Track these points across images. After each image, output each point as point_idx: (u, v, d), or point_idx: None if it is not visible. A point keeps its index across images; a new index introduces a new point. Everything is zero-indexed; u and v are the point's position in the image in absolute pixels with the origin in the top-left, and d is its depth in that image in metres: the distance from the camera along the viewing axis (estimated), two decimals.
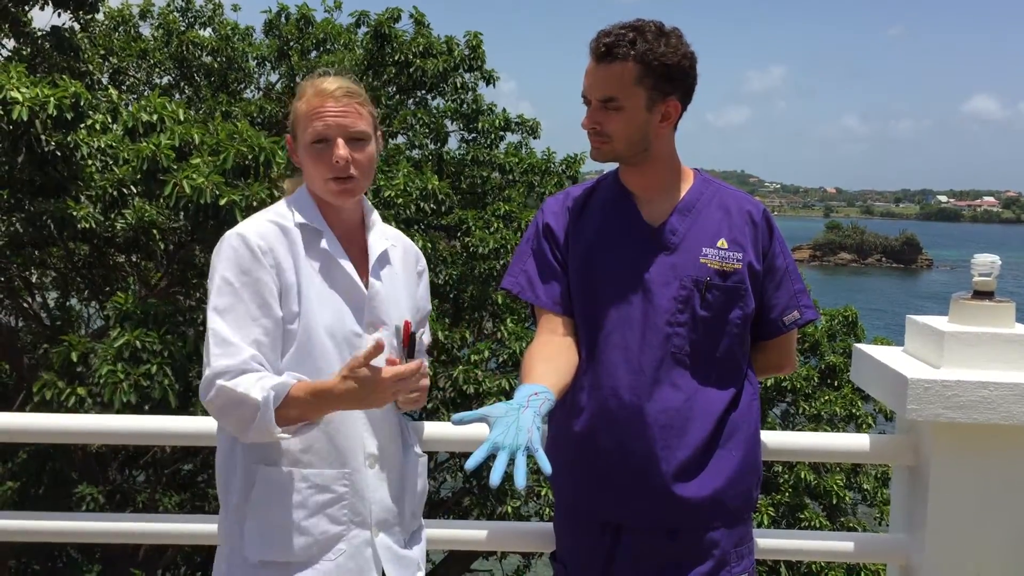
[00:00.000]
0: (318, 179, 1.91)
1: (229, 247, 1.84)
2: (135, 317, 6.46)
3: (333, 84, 1.93)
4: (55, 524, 2.51)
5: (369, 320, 1.94)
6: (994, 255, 2.38)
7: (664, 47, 1.97)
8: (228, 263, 1.83)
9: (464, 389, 8.46)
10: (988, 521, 2.28)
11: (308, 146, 1.91)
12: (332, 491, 1.87)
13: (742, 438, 2.08)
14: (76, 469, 8.59)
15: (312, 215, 1.94)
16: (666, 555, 2.05)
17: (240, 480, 1.87)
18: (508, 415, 1.74)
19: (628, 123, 2.01)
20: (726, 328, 2.05)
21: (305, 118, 1.91)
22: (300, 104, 1.93)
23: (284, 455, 1.85)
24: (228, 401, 1.74)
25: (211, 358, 1.77)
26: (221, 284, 1.82)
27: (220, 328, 1.79)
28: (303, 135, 1.92)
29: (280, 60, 12.79)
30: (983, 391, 2.19)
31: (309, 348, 1.85)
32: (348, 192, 1.92)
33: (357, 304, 1.93)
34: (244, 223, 1.91)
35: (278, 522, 1.84)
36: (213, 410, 1.78)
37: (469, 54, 11.81)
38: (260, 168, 6.74)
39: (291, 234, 1.90)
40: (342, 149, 1.89)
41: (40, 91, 6.29)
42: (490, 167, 11.96)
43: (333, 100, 1.90)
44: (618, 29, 1.99)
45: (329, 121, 1.89)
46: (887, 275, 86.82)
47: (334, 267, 1.92)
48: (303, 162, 1.94)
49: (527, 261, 2.18)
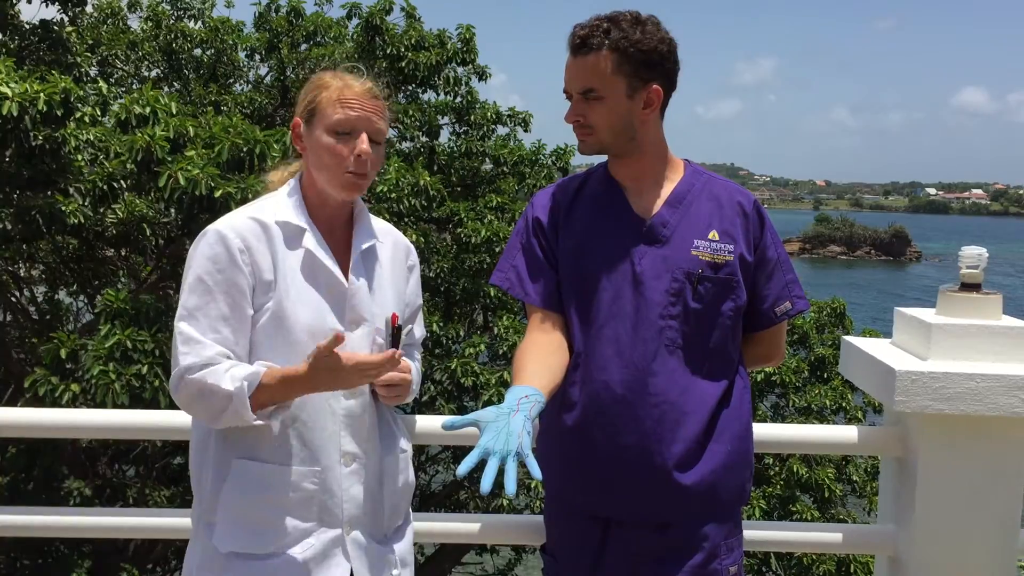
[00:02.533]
0: (333, 168, 1.90)
1: (206, 244, 1.84)
2: (126, 315, 6.44)
3: (368, 83, 1.94)
4: (45, 519, 2.51)
5: (351, 317, 1.93)
6: (981, 247, 2.40)
7: (640, 34, 1.97)
8: (203, 261, 1.83)
9: (462, 382, 8.45)
10: (975, 512, 2.30)
11: (329, 132, 1.89)
12: (302, 489, 1.87)
13: (735, 432, 2.09)
14: (66, 464, 8.56)
15: (298, 211, 1.93)
16: (656, 548, 2.06)
17: (212, 471, 1.88)
18: (498, 420, 1.75)
19: (610, 113, 2.01)
20: (718, 320, 2.06)
21: (332, 104, 1.89)
22: (326, 93, 1.91)
23: (257, 450, 1.86)
24: (199, 392, 1.77)
25: (179, 356, 1.79)
26: (194, 282, 1.83)
27: (187, 329, 1.80)
28: (324, 119, 1.90)
29: (270, 53, 12.74)
30: (970, 383, 2.21)
31: (288, 345, 1.85)
32: (359, 187, 1.93)
33: (338, 301, 1.92)
34: (224, 219, 1.90)
35: (248, 515, 1.85)
36: (183, 402, 1.82)
37: (461, 47, 11.78)
38: (255, 161, 6.73)
39: (271, 231, 1.88)
40: (366, 144, 1.90)
41: (30, 87, 6.26)
42: (482, 157, 11.95)
43: (364, 95, 1.91)
44: (593, 21, 2.00)
45: (360, 114, 1.90)
46: (876, 267, 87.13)
47: (316, 264, 1.91)
48: (316, 148, 1.92)
49: (516, 256, 2.18)
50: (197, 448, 1.94)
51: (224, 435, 1.87)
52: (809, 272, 66.68)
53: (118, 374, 6.02)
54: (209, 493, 1.88)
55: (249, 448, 1.86)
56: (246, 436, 1.85)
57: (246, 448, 1.86)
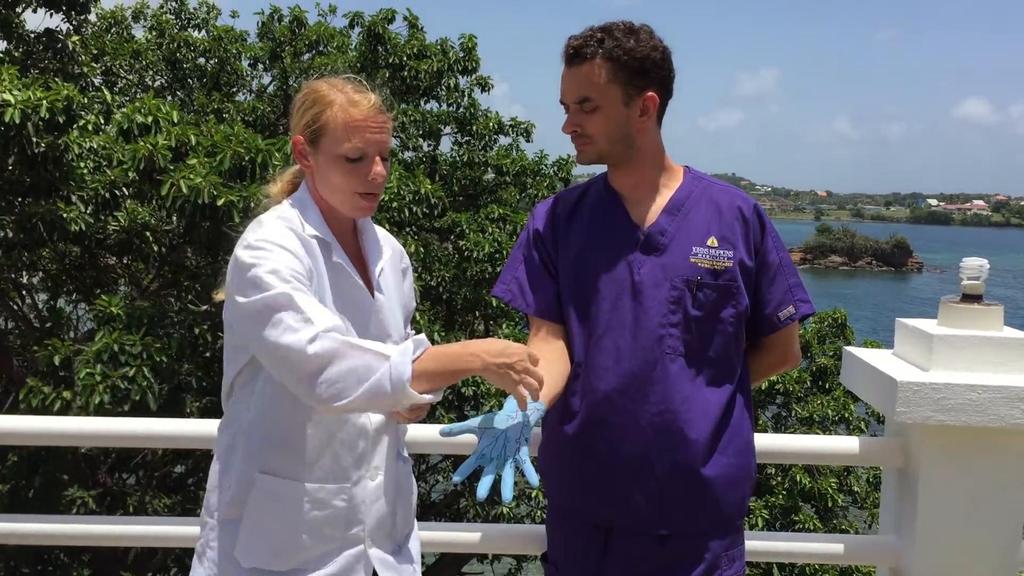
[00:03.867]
0: (344, 191, 1.86)
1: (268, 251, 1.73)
2: (120, 320, 6.45)
3: (372, 98, 1.87)
4: (45, 527, 2.51)
5: (374, 332, 1.91)
6: (983, 259, 2.40)
7: (633, 42, 1.98)
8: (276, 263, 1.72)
9: (463, 392, 8.43)
10: (977, 523, 2.30)
11: (339, 159, 1.83)
12: (331, 506, 1.85)
13: (737, 443, 2.08)
14: (66, 472, 8.56)
15: (322, 226, 1.88)
16: (657, 558, 2.05)
17: (236, 484, 1.84)
18: (497, 426, 1.75)
19: (607, 121, 2.01)
20: (719, 327, 2.05)
21: (342, 130, 1.82)
22: (332, 112, 1.83)
23: (287, 467, 1.82)
24: (345, 347, 1.64)
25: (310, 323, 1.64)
26: (276, 279, 1.69)
27: (304, 298, 1.68)
28: (333, 145, 1.83)
29: (273, 62, 12.79)
30: (971, 394, 2.21)
31: None
32: (371, 208, 1.90)
33: (364, 316, 1.91)
34: (265, 230, 1.80)
35: (274, 532, 1.82)
36: (316, 365, 1.62)
37: (463, 56, 11.81)
38: (256, 169, 6.74)
39: (310, 245, 1.84)
40: (380, 167, 1.85)
41: (32, 94, 6.28)
42: (484, 167, 11.97)
43: (372, 115, 1.85)
44: (586, 31, 2.01)
45: (370, 138, 1.84)
46: (877, 278, 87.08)
47: (345, 280, 1.88)
48: (324, 171, 1.86)
49: (518, 268, 2.19)
50: (222, 456, 1.89)
51: (252, 449, 1.83)
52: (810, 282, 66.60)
53: (104, 376, 6.02)
54: (231, 504, 1.84)
55: (278, 465, 1.82)
56: (276, 452, 1.82)
57: (275, 464, 1.82)
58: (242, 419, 1.85)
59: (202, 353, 6.88)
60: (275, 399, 1.80)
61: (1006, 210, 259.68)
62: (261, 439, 1.83)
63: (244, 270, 1.73)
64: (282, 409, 1.80)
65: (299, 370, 1.64)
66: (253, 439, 1.83)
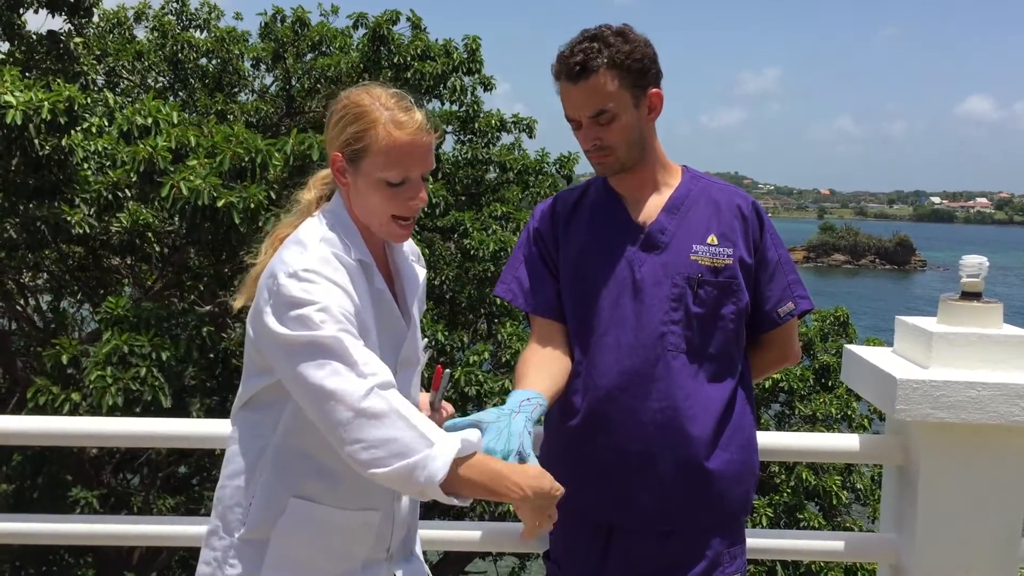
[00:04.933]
0: (381, 215, 1.77)
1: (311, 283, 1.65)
2: (127, 321, 6.47)
3: (419, 118, 1.75)
4: (50, 527, 2.52)
5: (404, 356, 1.87)
6: (982, 256, 2.41)
7: (629, 45, 2.00)
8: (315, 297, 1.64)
9: (465, 391, 8.43)
10: (977, 520, 2.30)
11: (381, 183, 1.74)
12: (362, 529, 1.82)
13: (740, 440, 2.09)
14: (70, 472, 8.58)
15: (363, 249, 1.79)
16: (659, 555, 2.06)
17: (263, 505, 1.77)
18: (500, 420, 1.76)
19: (624, 128, 2.03)
20: (720, 324, 2.06)
21: (386, 154, 1.72)
22: (376, 132, 1.72)
23: (319, 492, 1.77)
24: (394, 414, 1.57)
25: (363, 369, 1.59)
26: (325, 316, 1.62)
27: (353, 342, 1.62)
28: (375, 169, 1.73)
29: (275, 63, 12.79)
30: (971, 391, 2.21)
31: None
32: (407, 234, 1.83)
33: (397, 341, 1.86)
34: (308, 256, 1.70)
35: (304, 555, 1.78)
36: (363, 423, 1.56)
37: (467, 57, 11.82)
38: (256, 170, 6.75)
39: (356, 272, 1.75)
40: (423, 191, 1.78)
41: (34, 95, 6.30)
42: (487, 165, 11.97)
43: (419, 137, 1.74)
44: (581, 45, 2.00)
45: (415, 162, 1.74)
46: (881, 276, 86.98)
47: (385, 306, 1.82)
48: (363, 192, 1.77)
49: (519, 268, 2.20)
50: (239, 473, 1.80)
51: (283, 472, 1.76)
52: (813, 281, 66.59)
53: (115, 378, 6.04)
54: (251, 525, 1.77)
55: (314, 491, 1.77)
56: (311, 478, 1.76)
57: (311, 491, 1.77)
58: (266, 437, 1.78)
59: (206, 354, 6.90)
60: (311, 426, 1.68)
61: (1009, 208, 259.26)
62: (295, 463, 1.77)
63: (289, 303, 1.64)
64: (318, 436, 1.67)
65: (341, 419, 1.57)
66: (284, 462, 1.77)
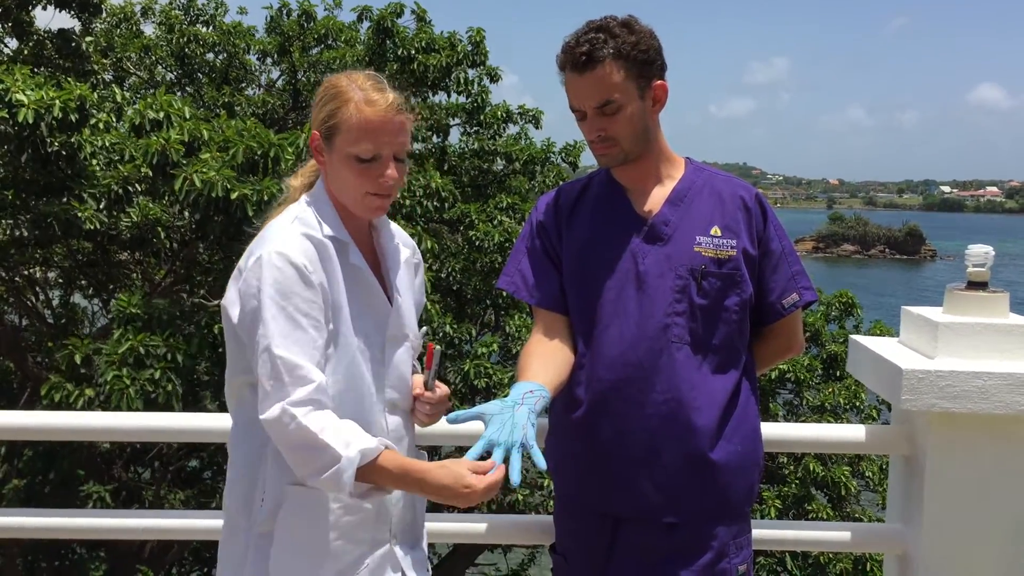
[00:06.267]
0: (354, 191, 1.83)
1: (274, 268, 1.73)
2: (139, 320, 6.49)
3: (391, 97, 1.82)
4: (62, 521, 2.54)
5: (392, 334, 1.91)
6: (988, 246, 2.40)
7: (634, 36, 2.00)
8: (275, 286, 1.72)
9: (475, 383, 8.43)
10: (983, 510, 2.30)
11: (352, 158, 1.80)
12: (361, 510, 1.84)
13: (744, 430, 2.10)
14: (82, 467, 8.63)
15: (339, 227, 1.85)
16: (665, 546, 2.07)
17: (265, 498, 1.82)
18: (503, 412, 1.77)
19: (630, 120, 2.03)
20: (724, 315, 2.07)
21: (356, 130, 1.79)
22: (348, 110, 1.80)
23: None
24: (305, 439, 1.68)
25: (284, 387, 1.68)
26: (276, 311, 1.71)
27: (285, 353, 1.69)
28: (347, 144, 1.80)
29: (282, 56, 12.80)
30: (977, 381, 2.21)
31: (344, 367, 1.81)
32: (383, 209, 1.88)
33: (382, 319, 1.89)
34: (280, 240, 1.78)
35: (306, 543, 1.81)
36: (284, 443, 1.70)
37: (472, 50, 11.81)
38: (269, 164, 6.76)
39: (326, 249, 1.80)
40: (392, 169, 1.82)
41: (45, 93, 6.32)
42: (494, 156, 11.96)
43: (389, 115, 1.80)
44: (586, 36, 2.00)
45: (385, 139, 1.80)
46: (890, 266, 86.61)
47: (363, 282, 1.87)
48: (336, 168, 1.84)
49: (522, 260, 2.21)
50: (246, 470, 1.85)
51: (281, 462, 1.78)
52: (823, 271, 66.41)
53: (132, 379, 6.07)
54: (262, 518, 1.81)
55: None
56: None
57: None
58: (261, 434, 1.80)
59: (217, 350, 6.93)
60: None
61: (1020, 196, 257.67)
62: None
63: (245, 291, 1.76)
64: None
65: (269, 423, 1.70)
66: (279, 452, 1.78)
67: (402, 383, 1.95)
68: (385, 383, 1.89)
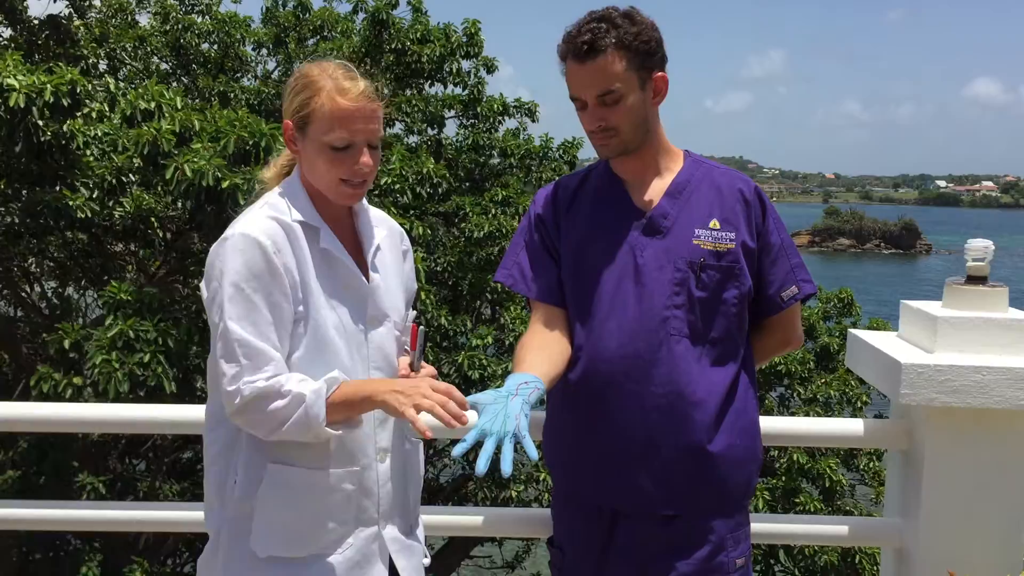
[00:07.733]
0: (328, 179, 1.85)
1: (236, 249, 1.77)
2: (129, 306, 6.47)
3: (362, 86, 1.84)
4: (57, 513, 2.53)
5: (372, 315, 1.93)
6: (987, 240, 2.40)
7: (636, 27, 1.99)
8: (238, 266, 1.76)
9: (469, 375, 8.42)
10: (982, 504, 2.30)
11: (325, 147, 1.83)
12: (341, 490, 1.85)
13: (743, 423, 2.09)
14: (76, 458, 8.60)
15: (309, 211, 1.88)
16: (663, 540, 2.06)
17: (243, 476, 1.83)
18: (496, 403, 1.76)
19: (630, 110, 2.02)
20: (722, 308, 2.06)
21: (329, 119, 1.82)
22: (320, 99, 1.82)
23: (293, 455, 1.82)
24: (262, 394, 1.72)
25: (241, 370, 1.73)
26: (233, 291, 1.75)
27: (241, 333, 1.74)
28: (320, 133, 1.83)
29: (277, 47, 12.76)
30: (976, 375, 2.21)
31: (320, 348, 1.83)
32: (358, 196, 1.91)
33: (360, 299, 1.92)
34: (246, 221, 1.82)
35: (287, 520, 1.83)
36: (242, 410, 1.74)
37: (467, 41, 11.77)
38: (260, 154, 6.73)
39: (294, 231, 1.83)
40: (367, 157, 1.84)
41: (37, 78, 6.28)
42: (490, 151, 11.94)
43: (361, 104, 1.83)
44: (588, 25, 2.00)
45: (357, 127, 1.83)
46: (886, 260, 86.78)
47: (336, 264, 1.89)
48: (310, 157, 1.86)
49: (520, 253, 2.20)
50: (221, 453, 1.88)
51: (256, 440, 1.82)
52: (819, 265, 66.51)
53: (120, 363, 6.04)
54: (239, 499, 1.83)
55: (284, 453, 1.82)
56: (280, 440, 1.80)
57: (281, 453, 1.82)
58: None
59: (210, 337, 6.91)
60: None
61: (1015, 191, 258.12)
62: None
63: (208, 272, 1.81)
64: None
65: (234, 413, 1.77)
66: None
67: (386, 363, 1.95)
68: (369, 364, 1.91)
